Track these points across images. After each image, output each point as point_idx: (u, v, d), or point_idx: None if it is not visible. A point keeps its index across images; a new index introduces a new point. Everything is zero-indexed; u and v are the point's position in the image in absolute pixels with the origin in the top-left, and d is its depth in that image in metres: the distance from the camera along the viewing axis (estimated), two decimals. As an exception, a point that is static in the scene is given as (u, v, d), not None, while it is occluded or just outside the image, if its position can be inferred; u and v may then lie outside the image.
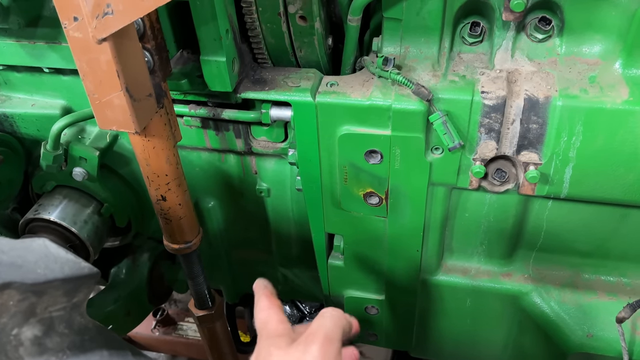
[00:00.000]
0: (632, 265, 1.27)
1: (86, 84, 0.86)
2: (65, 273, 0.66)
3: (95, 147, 1.35)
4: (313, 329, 0.79)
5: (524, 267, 1.33)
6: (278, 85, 1.14)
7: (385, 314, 1.47)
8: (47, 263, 0.65)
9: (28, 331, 0.66)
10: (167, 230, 1.19)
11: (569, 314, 1.28)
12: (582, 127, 1.00)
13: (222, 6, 1.02)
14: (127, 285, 1.70)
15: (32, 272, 0.64)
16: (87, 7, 0.76)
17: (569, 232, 1.22)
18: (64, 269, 0.66)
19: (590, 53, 1.05)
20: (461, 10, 1.05)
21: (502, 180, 1.11)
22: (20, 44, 1.24)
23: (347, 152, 1.14)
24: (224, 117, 1.21)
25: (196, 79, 1.12)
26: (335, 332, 0.79)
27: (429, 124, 1.05)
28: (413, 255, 1.31)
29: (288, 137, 1.29)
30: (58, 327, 0.69)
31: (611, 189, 1.06)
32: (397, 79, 1.03)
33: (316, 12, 1.07)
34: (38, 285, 0.65)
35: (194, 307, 1.48)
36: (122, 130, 0.91)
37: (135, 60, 0.88)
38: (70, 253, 0.69)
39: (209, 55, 1.06)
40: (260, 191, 1.42)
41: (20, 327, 0.66)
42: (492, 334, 1.46)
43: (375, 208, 1.23)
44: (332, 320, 0.81)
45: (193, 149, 1.39)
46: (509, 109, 1.02)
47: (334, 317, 0.82)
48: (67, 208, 1.41)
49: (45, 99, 1.40)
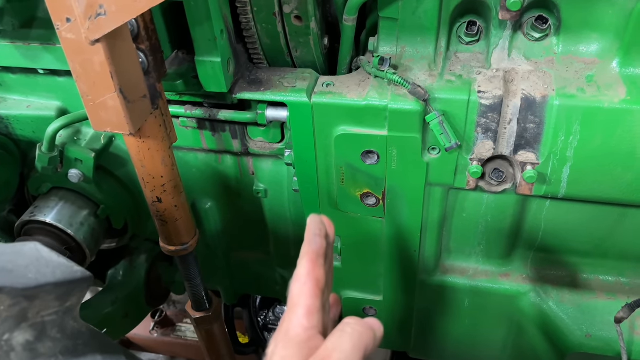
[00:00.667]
0: (630, 264, 1.26)
1: (80, 86, 0.85)
2: (57, 277, 0.66)
3: (91, 149, 1.34)
4: (328, 349, 0.69)
5: (522, 267, 1.33)
6: (274, 86, 1.14)
7: (384, 314, 1.47)
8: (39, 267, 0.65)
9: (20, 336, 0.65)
10: (164, 232, 1.19)
11: (568, 314, 1.28)
12: (579, 126, 0.99)
13: (217, 6, 1.01)
14: (124, 287, 1.69)
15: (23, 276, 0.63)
16: (80, 8, 0.75)
17: (567, 232, 1.22)
18: (55, 273, 0.66)
19: (587, 52, 1.05)
20: (457, 9, 1.05)
21: (500, 180, 1.11)
22: (15, 46, 1.23)
23: (344, 152, 1.13)
24: (220, 118, 1.20)
25: (191, 79, 1.12)
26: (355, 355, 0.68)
27: (425, 124, 1.05)
28: (411, 255, 1.30)
29: (285, 138, 1.28)
30: (50, 332, 0.68)
31: (609, 189, 1.06)
32: (394, 78, 1.02)
33: (312, 12, 1.06)
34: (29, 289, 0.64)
35: (191, 308, 1.47)
36: (117, 131, 0.90)
37: (130, 61, 0.87)
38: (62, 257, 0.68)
39: (204, 56, 1.05)
40: (257, 192, 1.41)
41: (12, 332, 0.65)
42: (491, 334, 1.45)
43: (373, 209, 1.23)
44: (351, 341, 0.70)
45: (189, 150, 1.38)
46: (506, 108, 1.02)
47: (355, 336, 0.71)
48: (63, 210, 1.41)
49: (41, 101, 1.39)
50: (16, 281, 0.63)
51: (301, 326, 0.74)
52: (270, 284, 1.69)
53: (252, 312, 2.20)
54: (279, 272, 1.66)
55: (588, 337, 1.26)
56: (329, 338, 0.72)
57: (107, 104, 0.86)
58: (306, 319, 0.74)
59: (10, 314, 0.64)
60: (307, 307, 0.75)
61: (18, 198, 1.55)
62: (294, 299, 0.77)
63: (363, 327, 0.73)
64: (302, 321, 0.74)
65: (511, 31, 1.05)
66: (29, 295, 0.65)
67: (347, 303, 1.47)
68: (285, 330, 0.74)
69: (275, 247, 1.58)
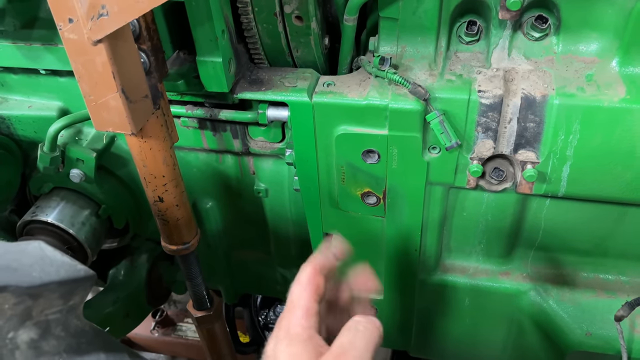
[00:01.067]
0: (630, 263, 1.27)
1: (82, 86, 0.86)
2: (61, 276, 0.66)
3: (92, 149, 1.35)
4: (344, 346, 0.70)
5: (522, 265, 1.33)
6: (275, 86, 1.14)
7: (384, 313, 1.47)
8: (43, 266, 0.65)
9: (24, 334, 0.66)
10: (165, 231, 1.19)
11: (568, 313, 1.28)
12: (579, 125, 1.00)
13: (218, 6, 1.02)
14: (125, 286, 1.70)
15: (28, 275, 0.64)
16: (82, 8, 0.76)
17: (567, 231, 1.22)
18: (59, 271, 0.66)
19: (587, 51, 1.05)
20: (457, 9, 1.05)
21: (500, 179, 1.11)
22: (17, 46, 1.24)
23: (344, 152, 1.14)
24: (221, 118, 1.21)
25: (193, 79, 1.12)
26: (368, 354, 0.69)
27: (426, 123, 1.05)
28: (411, 254, 1.31)
29: (285, 137, 1.29)
30: (54, 330, 0.69)
31: (609, 187, 1.06)
32: (394, 78, 1.03)
33: (312, 12, 1.07)
34: (34, 288, 0.65)
35: (192, 308, 1.48)
36: (119, 131, 0.91)
37: (131, 61, 0.88)
38: (65, 256, 0.68)
39: (205, 56, 1.06)
40: (258, 191, 1.42)
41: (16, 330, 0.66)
42: (491, 333, 1.45)
43: (373, 208, 1.23)
44: (364, 338, 0.71)
45: (190, 150, 1.39)
46: (506, 107, 1.02)
47: (367, 335, 0.72)
48: (65, 210, 1.41)
49: (42, 101, 1.39)
50: (21, 280, 0.63)
51: (300, 325, 0.75)
52: (270, 283, 1.70)
53: (253, 311, 2.21)
54: (279, 271, 1.66)
55: (588, 335, 1.26)
56: (342, 335, 0.73)
57: (109, 104, 0.87)
58: (305, 319, 0.76)
59: (15, 312, 0.65)
60: (306, 309, 0.77)
61: (19, 198, 1.56)
62: (294, 301, 0.79)
63: (373, 325, 0.75)
64: (301, 321, 0.75)
65: (511, 31, 1.06)
66: (33, 293, 0.65)
67: (347, 302, 1.47)
68: (285, 328, 0.76)
69: (276, 247, 1.58)
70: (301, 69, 1.20)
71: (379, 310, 1.47)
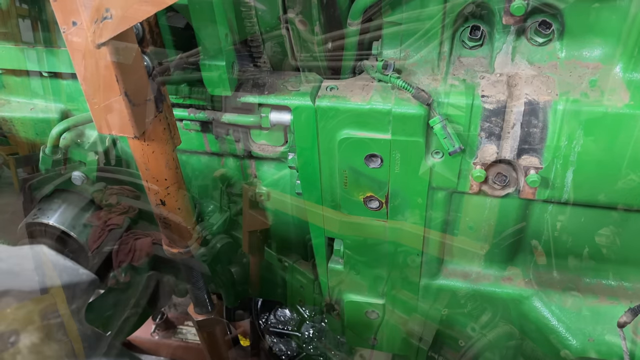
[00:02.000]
0: (633, 269, 1.26)
1: (85, 89, 0.86)
2: (63, 280, 0.66)
3: (94, 152, 1.34)
4: None
5: (524, 271, 1.33)
6: (277, 89, 1.14)
7: (386, 318, 1.46)
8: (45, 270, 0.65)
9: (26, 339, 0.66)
10: (167, 234, 1.19)
11: (570, 318, 1.28)
12: (582, 131, 0.99)
13: (222, 10, 1.02)
14: (126, 289, 1.69)
15: (30, 279, 0.64)
16: (86, 12, 0.76)
17: (569, 236, 1.22)
18: (62, 276, 0.66)
19: (590, 57, 1.05)
20: (461, 14, 1.05)
21: (503, 184, 1.11)
22: (19, 48, 1.24)
23: (347, 156, 1.13)
24: (224, 121, 1.21)
25: (196, 83, 1.12)
26: None
27: (429, 128, 1.05)
28: (413, 259, 1.30)
29: (288, 141, 1.28)
30: (56, 335, 0.68)
31: (612, 193, 1.06)
32: (397, 82, 1.02)
33: (316, 16, 1.07)
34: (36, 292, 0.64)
35: (193, 311, 1.47)
36: (121, 135, 0.91)
37: (135, 64, 0.88)
38: (68, 260, 0.68)
39: (209, 60, 1.06)
40: (260, 195, 1.41)
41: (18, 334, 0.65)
42: (493, 338, 1.45)
43: (376, 212, 1.23)
44: None
45: (193, 153, 1.39)
46: (509, 113, 1.02)
47: None
48: (66, 212, 1.41)
49: (44, 103, 1.39)
50: (23, 284, 0.63)
51: None
52: (271, 286, 1.69)
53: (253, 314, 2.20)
54: (280, 274, 1.66)
55: (591, 341, 1.26)
56: None
57: (112, 107, 0.86)
58: None
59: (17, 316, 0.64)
60: None
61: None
62: None
63: None
64: None
65: (515, 36, 1.06)
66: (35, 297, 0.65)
67: (349, 306, 1.47)
68: None
69: (277, 250, 1.58)
70: (304, 72, 1.20)
71: (381, 315, 1.46)
